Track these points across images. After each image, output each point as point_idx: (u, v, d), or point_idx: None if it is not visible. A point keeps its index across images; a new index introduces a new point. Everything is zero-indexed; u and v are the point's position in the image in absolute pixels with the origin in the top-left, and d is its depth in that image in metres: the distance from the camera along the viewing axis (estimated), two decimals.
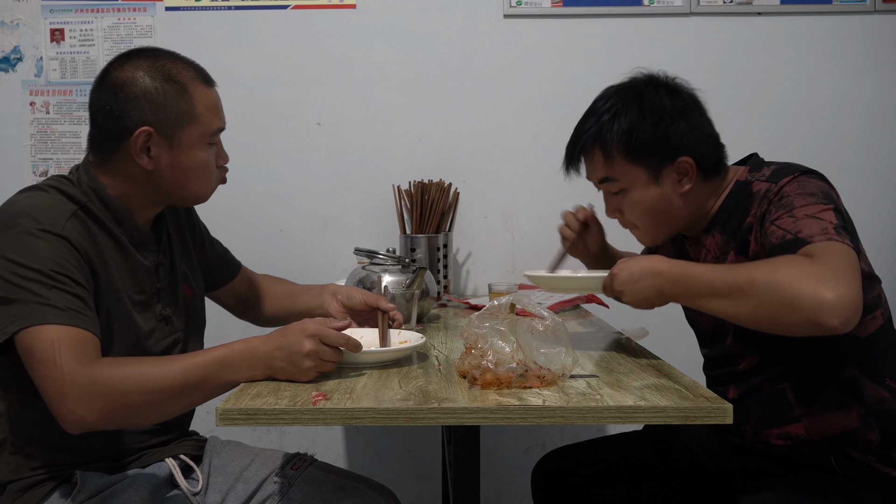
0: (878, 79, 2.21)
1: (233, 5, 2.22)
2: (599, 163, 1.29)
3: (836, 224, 1.09)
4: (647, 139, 1.23)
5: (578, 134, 1.31)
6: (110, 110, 1.18)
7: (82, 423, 1.03)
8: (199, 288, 1.43)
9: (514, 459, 2.28)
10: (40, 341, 1.03)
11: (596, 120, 1.28)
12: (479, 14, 2.21)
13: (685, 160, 1.24)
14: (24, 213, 1.11)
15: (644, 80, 1.29)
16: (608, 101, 1.28)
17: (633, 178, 1.26)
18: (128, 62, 1.21)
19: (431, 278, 1.69)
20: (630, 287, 1.15)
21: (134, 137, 1.17)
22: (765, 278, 1.02)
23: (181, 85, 1.20)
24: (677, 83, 1.29)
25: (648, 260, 1.15)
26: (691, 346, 1.48)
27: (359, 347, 1.12)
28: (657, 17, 2.20)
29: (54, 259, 1.08)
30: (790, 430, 1.24)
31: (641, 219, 1.29)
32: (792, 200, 1.14)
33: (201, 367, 1.07)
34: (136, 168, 1.20)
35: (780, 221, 1.13)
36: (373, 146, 2.23)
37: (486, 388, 1.03)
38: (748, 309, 1.04)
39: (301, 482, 1.32)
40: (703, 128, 1.27)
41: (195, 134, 1.21)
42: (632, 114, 1.24)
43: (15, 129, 2.24)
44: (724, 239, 1.26)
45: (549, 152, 2.23)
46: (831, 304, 0.97)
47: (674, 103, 1.25)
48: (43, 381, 1.03)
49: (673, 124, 1.23)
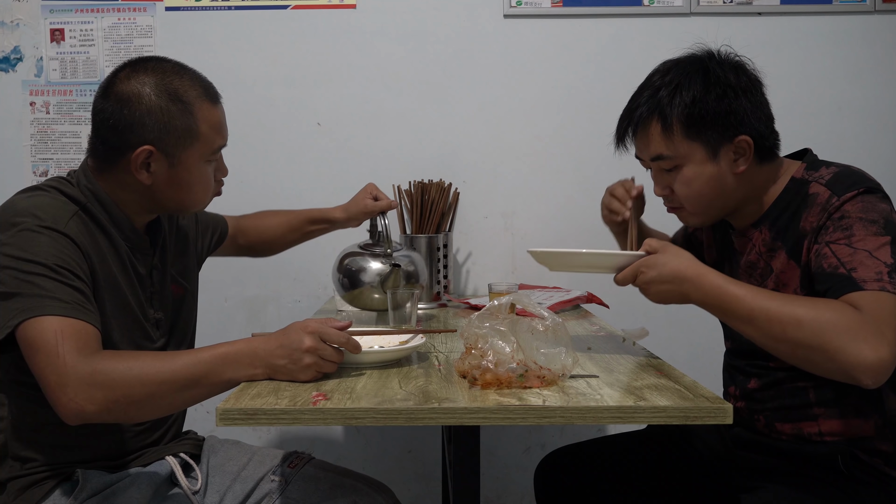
0: (878, 79, 2.21)
1: (233, 5, 2.22)
2: (656, 137, 1.24)
3: (891, 265, 1.07)
4: (710, 113, 1.20)
5: (634, 106, 1.26)
6: (113, 125, 1.18)
7: (82, 414, 1.03)
8: (192, 282, 1.44)
9: (514, 459, 2.28)
10: (42, 332, 1.04)
11: (653, 93, 1.24)
12: (479, 14, 2.21)
13: (744, 139, 1.20)
14: (26, 212, 1.11)
15: (706, 54, 1.26)
16: (667, 74, 1.24)
17: (689, 153, 1.22)
18: (135, 75, 1.19)
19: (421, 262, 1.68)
20: (655, 288, 1.13)
21: (135, 155, 1.18)
22: (811, 324, 1.02)
23: (186, 105, 1.20)
24: (741, 60, 1.26)
25: (680, 260, 1.12)
26: (691, 346, 1.48)
27: (358, 348, 1.12)
28: (657, 17, 2.20)
29: (57, 254, 1.09)
30: (803, 428, 1.23)
31: (693, 197, 1.24)
32: (852, 224, 1.11)
33: (203, 363, 1.07)
34: (134, 179, 1.20)
35: (837, 248, 1.11)
36: (373, 146, 2.23)
37: (486, 388, 1.03)
38: (785, 347, 1.05)
39: (298, 480, 1.32)
40: (764, 107, 1.24)
41: (196, 153, 1.22)
42: (696, 86, 1.20)
43: (15, 129, 2.24)
44: (772, 236, 1.24)
45: (549, 152, 2.23)
46: (870, 366, 0.99)
47: (738, 79, 1.22)
48: (43, 371, 1.03)
49: (737, 100, 1.20)
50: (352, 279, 1.60)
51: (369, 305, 1.62)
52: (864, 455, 1.19)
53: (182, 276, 1.40)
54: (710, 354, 1.56)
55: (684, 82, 1.22)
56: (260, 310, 2.27)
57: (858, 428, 1.20)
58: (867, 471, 1.19)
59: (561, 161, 2.23)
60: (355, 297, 1.61)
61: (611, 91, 1.37)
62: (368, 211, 1.66)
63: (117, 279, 1.21)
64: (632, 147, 1.31)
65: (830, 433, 1.21)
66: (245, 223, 1.69)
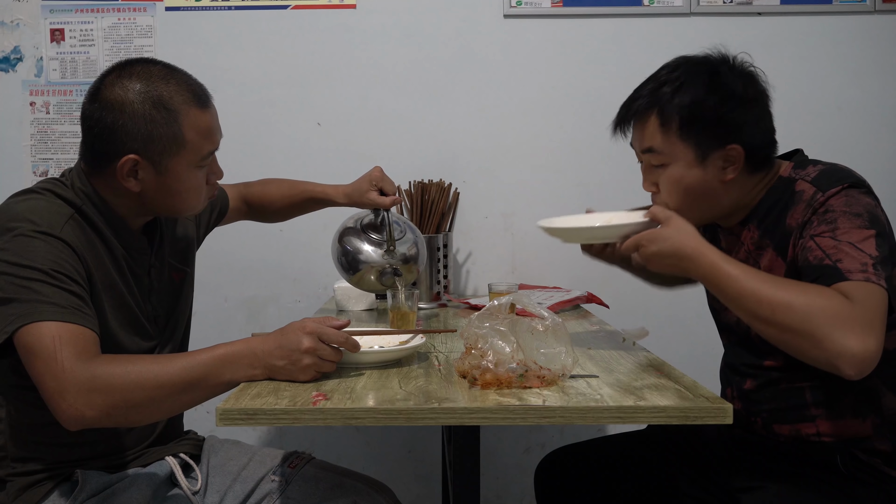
0: (878, 79, 2.20)
1: (233, 5, 2.22)
2: (650, 130, 1.24)
3: (876, 258, 1.07)
4: (706, 117, 1.20)
5: (636, 96, 1.27)
6: (98, 132, 1.17)
7: (81, 420, 1.03)
8: (190, 265, 1.44)
9: (514, 459, 2.28)
10: (40, 338, 1.03)
11: (657, 86, 1.24)
12: (479, 14, 2.21)
13: (735, 148, 1.20)
14: (21, 217, 1.11)
15: (720, 58, 1.26)
16: (675, 70, 1.25)
17: (678, 153, 1.23)
18: (120, 81, 1.17)
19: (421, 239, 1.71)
20: (656, 262, 1.17)
21: (120, 164, 1.16)
22: (800, 309, 1.03)
23: (171, 112, 1.17)
24: (753, 71, 1.26)
25: (681, 237, 1.14)
26: (691, 345, 1.48)
27: (357, 348, 1.12)
28: (657, 17, 2.20)
29: (53, 259, 1.08)
30: (801, 429, 1.23)
31: (676, 198, 1.25)
32: (836, 218, 1.12)
33: (202, 365, 1.07)
34: (124, 186, 1.19)
35: (821, 240, 1.11)
36: (373, 146, 2.23)
37: (486, 388, 1.03)
38: (773, 330, 1.06)
39: (299, 480, 1.32)
40: (764, 121, 1.25)
41: (184, 161, 1.19)
42: (699, 88, 1.21)
43: (15, 129, 2.24)
44: (760, 234, 1.24)
45: (549, 152, 2.23)
46: (854, 356, 0.99)
47: (745, 90, 1.22)
48: (42, 377, 1.03)
49: (736, 109, 1.20)
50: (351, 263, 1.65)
51: (369, 288, 1.69)
52: (863, 455, 1.19)
53: (181, 261, 1.40)
54: (709, 354, 1.56)
55: (688, 81, 1.22)
56: (260, 310, 2.27)
57: (856, 428, 1.20)
58: (866, 470, 1.19)
59: (561, 161, 2.23)
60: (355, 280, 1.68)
61: (611, 91, 1.36)
62: (371, 202, 1.63)
63: (115, 280, 1.21)
64: (629, 134, 1.32)
65: (828, 434, 1.21)
66: (250, 192, 1.69)
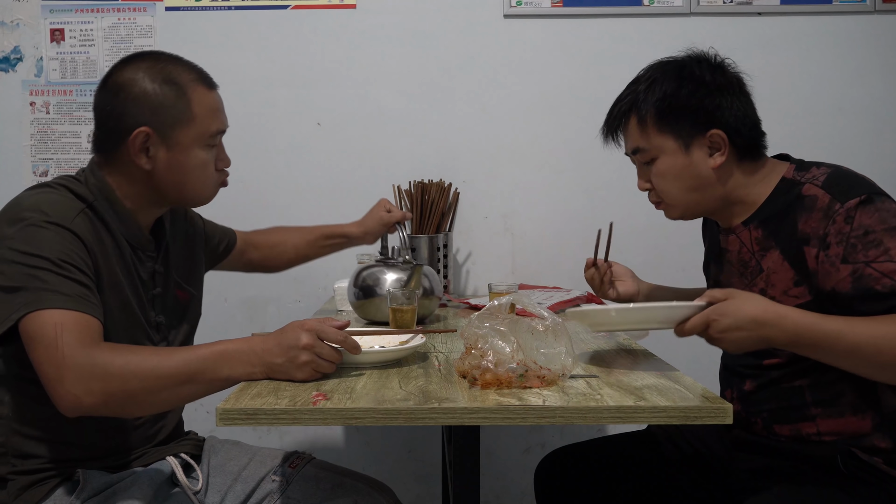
0: (878, 79, 2.21)
1: (233, 5, 2.22)
2: (632, 131, 1.29)
3: None
4: (679, 106, 1.23)
5: (617, 102, 1.33)
6: (111, 111, 1.21)
7: (79, 406, 1.03)
8: (198, 287, 1.44)
9: (514, 459, 2.28)
10: (42, 325, 1.04)
11: (634, 88, 1.29)
12: (479, 14, 2.21)
13: (717, 132, 1.23)
14: (33, 208, 1.12)
15: (693, 56, 1.29)
16: (649, 72, 1.29)
17: (662, 145, 1.26)
18: (130, 64, 1.23)
19: (435, 276, 1.69)
20: (731, 335, 1.09)
21: (132, 137, 1.19)
22: None
23: (180, 86, 1.22)
24: (724, 62, 1.28)
25: (754, 303, 1.09)
26: (691, 345, 1.47)
27: (357, 349, 1.12)
28: (657, 17, 2.20)
29: (61, 248, 1.10)
30: (801, 428, 1.23)
31: (668, 188, 1.28)
32: (881, 239, 1.11)
33: (201, 359, 1.07)
34: (136, 168, 1.22)
35: (881, 266, 1.10)
36: (373, 146, 2.23)
37: (486, 388, 1.03)
38: (889, 372, 1.09)
39: (299, 480, 1.32)
40: (742, 107, 1.25)
41: (192, 135, 1.23)
42: (670, 82, 1.25)
43: (15, 129, 2.24)
44: (764, 234, 1.24)
45: (549, 152, 2.23)
46: None
47: (714, 78, 1.25)
48: (42, 363, 1.04)
49: (709, 96, 1.23)
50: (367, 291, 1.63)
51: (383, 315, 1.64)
52: (864, 454, 1.19)
53: (188, 281, 1.41)
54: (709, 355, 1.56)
55: (659, 78, 1.26)
56: (260, 310, 2.27)
57: (855, 425, 1.20)
58: (867, 470, 1.19)
59: (561, 161, 2.23)
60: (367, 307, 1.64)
61: (611, 91, 1.37)
62: (385, 222, 1.70)
63: (120, 279, 1.22)
64: (621, 141, 1.35)
65: (829, 432, 1.21)
66: (256, 238, 1.70)
